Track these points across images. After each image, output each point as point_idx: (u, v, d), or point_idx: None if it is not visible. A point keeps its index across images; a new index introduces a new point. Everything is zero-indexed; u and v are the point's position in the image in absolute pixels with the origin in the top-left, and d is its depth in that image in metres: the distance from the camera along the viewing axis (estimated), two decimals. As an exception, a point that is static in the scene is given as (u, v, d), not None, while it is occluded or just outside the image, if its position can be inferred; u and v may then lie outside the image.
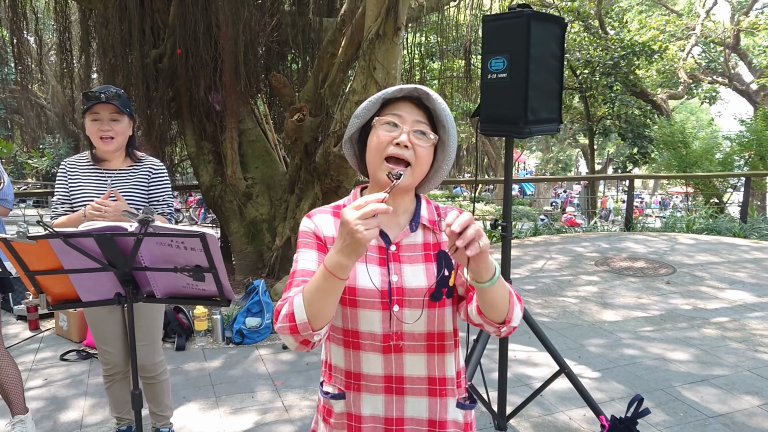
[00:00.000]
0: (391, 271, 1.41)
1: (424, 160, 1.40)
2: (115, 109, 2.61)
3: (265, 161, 6.54)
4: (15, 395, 3.04)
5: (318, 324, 1.26)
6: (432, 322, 1.42)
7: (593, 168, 18.06)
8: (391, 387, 1.43)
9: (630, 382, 3.89)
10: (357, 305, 1.41)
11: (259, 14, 6.27)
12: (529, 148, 36.31)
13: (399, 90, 1.43)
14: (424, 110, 1.43)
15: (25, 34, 7.04)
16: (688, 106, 33.92)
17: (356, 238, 1.13)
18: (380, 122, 1.41)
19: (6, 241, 1.79)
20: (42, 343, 4.68)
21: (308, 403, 3.63)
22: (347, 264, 1.19)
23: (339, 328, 1.45)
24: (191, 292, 2.01)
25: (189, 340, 4.67)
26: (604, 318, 5.20)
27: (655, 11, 20.23)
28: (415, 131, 1.38)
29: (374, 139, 1.41)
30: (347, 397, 1.46)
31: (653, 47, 13.99)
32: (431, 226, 1.46)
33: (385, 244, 1.43)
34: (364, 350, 1.42)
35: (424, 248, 1.44)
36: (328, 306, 1.26)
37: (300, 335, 1.27)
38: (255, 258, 6.36)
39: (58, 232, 1.78)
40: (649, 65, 15.76)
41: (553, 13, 13.04)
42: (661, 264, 7.02)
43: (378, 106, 1.46)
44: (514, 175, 3.16)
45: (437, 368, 1.44)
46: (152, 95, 6.06)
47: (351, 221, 1.13)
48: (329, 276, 1.20)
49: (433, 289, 1.40)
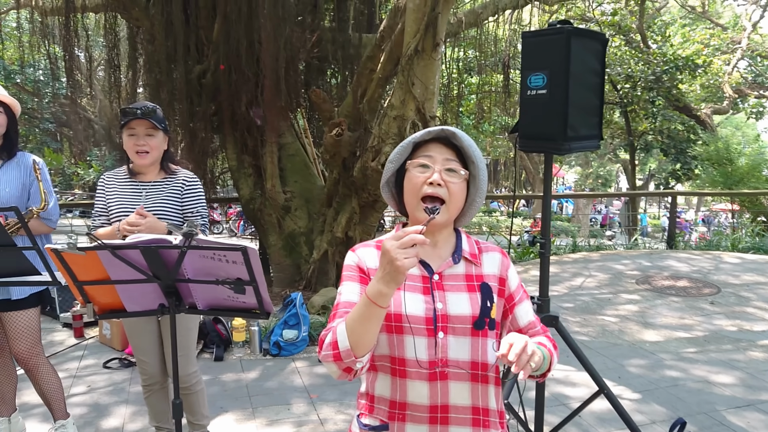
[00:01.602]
0: (435, 299, 1.46)
1: (457, 195, 1.47)
2: (150, 124, 2.70)
3: (303, 175, 6.62)
4: (56, 402, 3.13)
5: (360, 351, 1.33)
6: (476, 351, 1.46)
7: (634, 184, 17.74)
8: (435, 417, 1.45)
9: (672, 404, 3.79)
10: (403, 332, 1.45)
11: (300, 31, 6.38)
12: (568, 163, 35.86)
13: (427, 133, 1.51)
14: (452, 148, 1.50)
15: (76, 50, 7.31)
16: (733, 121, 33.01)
17: (395, 266, 1.20)
18: (413, 165, 1.49)
19: (57, 251, 1.85)
20: (86, 350, 4.80)
21: (343, 417, 3.64)
22: (387, 292, 1.25)
23: (386, 356, 1.48)
24: (231, 305, 2.05)
25: (227, 351, 4.74)
26: (645, 338, 5.08)
27: (699, 25, 19.83)
28: (447, 169, 1.46)
29: (409, 181, 1.49)
30: (391, 428, 1.48)
31: (697, 61, 13.72)
32: (472, 259, 1.52)
33: (428, 273, 1.49)
34: (410, 378, 1.45)
35: (467, 279, 1.50)
36: (369, 333, 1.32)
37: (343, 362, 1.34)
38: (292, 271, 6.42)
39: (107, 243, 1.84)
40: (693, 80, 15.45)
41: (593, 27, 12.92)
42: (705, 283, 6.84)
43: (410, 150, 1.54)
44: (552, 190, 3.13)
45: (481, 398, 1.47)
46: (195, 110, 6.21)
47: (391, 250, 1.21)
48: (370, 304, 1.27)
49: (477, 317, 1.45)
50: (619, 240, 15.84)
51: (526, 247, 8.81)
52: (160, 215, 2.67)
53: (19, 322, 2.91)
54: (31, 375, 3.04)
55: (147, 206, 2.67)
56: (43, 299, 3.01)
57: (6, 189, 2.82)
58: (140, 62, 7.00)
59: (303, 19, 6.73)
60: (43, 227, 2.92)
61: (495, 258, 1.55)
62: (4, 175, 2.85)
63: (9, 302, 2.84)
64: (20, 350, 2.94)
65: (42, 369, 3.05)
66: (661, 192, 14.42)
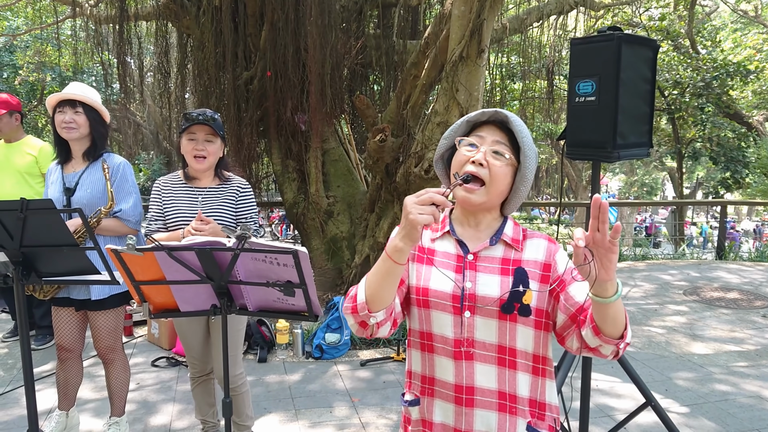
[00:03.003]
0: (465, 278, 1.46)
1: (499, 178, 1.44)
2: (210, 130, 2.78)
3: (346, 180, 6.68)
4: (119, 398, 3.24)
5: (375, 306, 1.35)
6: (503, 335, 1.44)
7: (681, 192, 17.29)
8: (461, 398, 1.46)
9: (722, 419, 3.69)
10: (429, 306, 1.48)
11: (345, 38, 6.45)
12: (612, 170, 35.19)
13: (481, 114, 1.51)
14: (506, 133, 1.48)
15: (128, 58, 7.54)
16: (787, 129, 31.93)
17: (409, 219, 1.22)
18: (463, 143, 1.49)
19: (117, 252, 1.93)
20: (135, 348, 4.94)
21: (385, 421, 3.65)
22: (402, 247, 1.28)
23: (416, 331, 1.53)
24: (281, 307, 2.09)
25: (270, 353, 4.81)
26: (693, 350, 4.95)
27: (751, 29, 19.25)
28: (493, 151, 1.44)
29: (456, 158, 1.49)
30: (422, 402, 1.52)
31: (749, 67, 13.30)
32: (513, 244, 1.50)
33: (463, 252, 1.49)
34: (437, 354, 1.48)
35: (502, 262, 1.48)
36: (385, 289, 1.34)
37: (358, 315, 1.37)
38: (334, 275, 6.48)
39: (164, 245, 1.91)
40: (744, 86, 14.99)
41: (640, 33, 12.68)
42: (757, 296, 6.63)
43: (464, 129, 1.54)
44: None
45: (508, 384, 1.46)
46: (242, 115, 6.34)
47: (408, 205, 1.24)
48: (387, 259, 1.31)
49: (504, 300, 1.43)
50: (665, 250, 15.45)
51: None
52: (215, 220, 2.75)
53: (103, 321, 3.03)
54: (106, 368, 3.18)
55: (203, 212, 2.75)
56: (126, 300, 3.13)
57: (87, 190, 2.93)
58: (189, 69, 7.18)
59: (348, 26, 6.80)
60: (123, 228, 3.01)
61: (540, 244, 1.51)
62: (88, 176, 2.96)
63: (95, 302, 2.96)
64: (102, 346, 3.09)
65: (117, 364, 3.17)
66: (710, 201, 14.00)
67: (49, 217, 2.07)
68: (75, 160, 3.01)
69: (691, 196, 27.81)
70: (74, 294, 2.95)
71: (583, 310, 1.38)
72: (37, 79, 16.94)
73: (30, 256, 2.18)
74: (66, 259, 2.22)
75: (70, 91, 2.95)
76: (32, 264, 2.21)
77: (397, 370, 4.46)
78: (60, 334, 3.06)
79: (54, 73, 16.00)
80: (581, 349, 1.40)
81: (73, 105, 2.92)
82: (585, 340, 1.36)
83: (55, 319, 3.05)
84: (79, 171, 2.97)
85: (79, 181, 2.94)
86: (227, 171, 2.97)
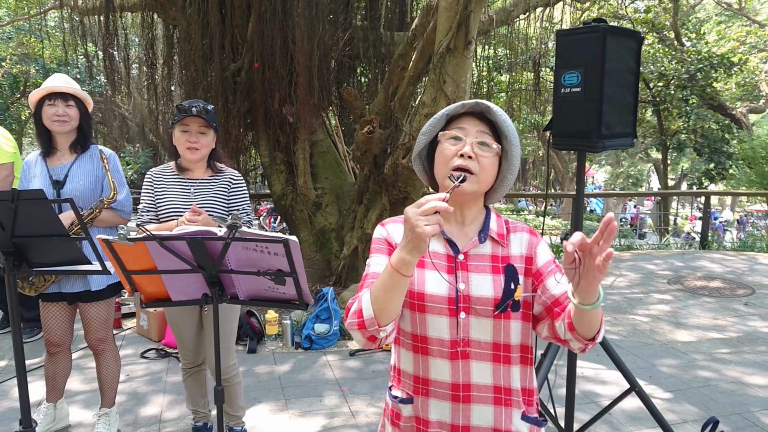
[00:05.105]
0: (458, 279, 1.46)
1: (488, 169, 1.45)
2: (203, 122, 2.78)
3: (334, 172, 6.70)
4: (109, 389, 3.24)
5: (384, 320, 1.33)
6: (498, 333, 1.46)
7: (666, 184, 17.47)
8: (458, 395, 1.47)
9: (704, 404, 3.76)
10: (425, 311, 1.46)
11: (332, 29, 6.45)
12: (598, 162, 35.40)
13: (461, 106, 1.50)
14: (487, 123, 1.49)
15: (114, 50, 7.48)
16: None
17: (416, 233, 1.19)
18: (445, 137, 1.48)
19: (108, 242, 1.94)
20: (124, 341, 4.94)
21: (374, 409, 3.69)
22: (409, 260, 1.25)
23: (409, 333, 1.51)
24: (272, 296, 2.11)
25: (260, 344, 4.83)
26: (677, 338, 5.04)
27: (735, 22, 19.42)
28: (479, 143, 1.45)
29: (440, 153, 1.48)
30: (415, 401, 1.52)
31: (732, 59, 13.43)
32: (499, 239, 1.51)
33: (453, 252, 1.49)
34: (432, 356, 1.47)
35: (492, 260, 1.48)
36: (393, 302, 1.32)
37: (367, 330, 1.34)
38: (323, 266, 6.51)
39: (155, 234, 1.92)
40: (728, 78, 15.13)
41: (626, 25, 12.76)
42: (739, 284, 6.74)
43: (443, 123, 1.53)
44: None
45: (503, 378, 1.48)
46: (230, 107, 6.33)
47: (412, 217, 1.20)
48: (394, 272, 1.27)
49: (498, 299, 1.44)
50: (650, 240, 15.62)
51: (553, 245, 8.77)
52: (208, 212, 2.76)
53: (97, 312, 3.04)
54: (97, 359, 3.17)
55: (196, 203, 2.76)
56: (118, 290, 3.13)
57: (80, 182, 2.93)
58: (176, 60, 7.14)
59: (335, 17, 6.79)
60: (117, 218, 3.02)
61: (522, 238, 1.52)
62: (79, 168, 2.96)
63: (90, 293, 2.96)
64: (94, 338, 3.08)
65: (108, 354, 3.17)
66: (694, 192, 14.13)
67: (40, 207, 2.07)
68: (61, 152, 3.00)
69: (676, 187, 28.08)
70: (67, 288, 2.93)
71: (559, 303, 1.41)
72: (20, 71, 16.74)
73: (21, 247, 2.19)
74: (57, 250, 2.23)
75: (58, 83, 2.94)
76: (23, 254, 2.21)
77: (386, 360, 4.51)
78: (49, 329, 3.04)
79: (38, 65, 15.81)
80: (550, 338, 1.44)
81: (65, 98, 2.91)
82: (557, 332, 1.39)
83: (44, 314, 3.02)
84: (67, 163, 2.96)
85: (69, 173, 2.94)
86: (219, 162, 2.98)
